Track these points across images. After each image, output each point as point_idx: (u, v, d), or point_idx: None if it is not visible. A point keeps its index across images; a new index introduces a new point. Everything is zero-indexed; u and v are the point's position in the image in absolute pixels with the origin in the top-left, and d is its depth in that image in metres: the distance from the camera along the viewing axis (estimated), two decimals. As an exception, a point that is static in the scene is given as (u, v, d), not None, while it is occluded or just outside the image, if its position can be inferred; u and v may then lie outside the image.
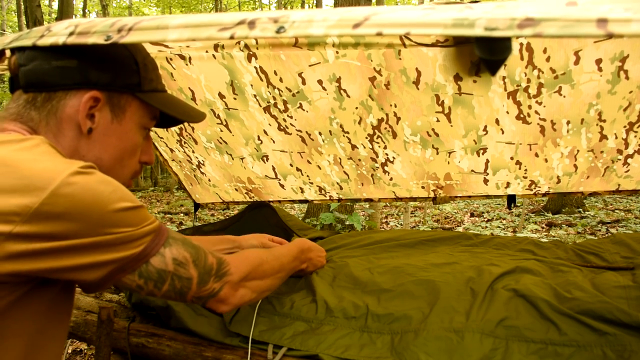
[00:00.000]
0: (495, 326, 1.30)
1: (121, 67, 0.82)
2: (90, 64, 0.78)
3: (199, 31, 0.75)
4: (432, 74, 1.84)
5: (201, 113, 1.03)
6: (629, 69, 1.67)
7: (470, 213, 7.06)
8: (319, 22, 0.73)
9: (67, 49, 0.76)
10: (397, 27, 0.72)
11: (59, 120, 0.78)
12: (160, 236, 0.78)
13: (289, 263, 1.23)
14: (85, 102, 0.78)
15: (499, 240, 2.07)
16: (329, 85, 1.99)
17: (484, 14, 0.67)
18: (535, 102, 1.83)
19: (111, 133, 0.82)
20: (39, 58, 0.76)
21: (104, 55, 0.79)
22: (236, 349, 1.44)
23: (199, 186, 2.85)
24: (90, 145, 0.81)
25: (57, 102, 0.77)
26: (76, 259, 0.68)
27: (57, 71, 0.76)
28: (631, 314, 1.23)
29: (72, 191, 0.65)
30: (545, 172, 2.08)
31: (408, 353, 1.26)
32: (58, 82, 0.77)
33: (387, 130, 2.09)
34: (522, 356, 1.21)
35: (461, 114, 1.93)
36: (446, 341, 1.28)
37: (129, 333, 1.63)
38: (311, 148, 2.29)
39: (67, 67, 0.76)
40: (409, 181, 2.30)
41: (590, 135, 1.90)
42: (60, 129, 0.78)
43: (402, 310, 1.41)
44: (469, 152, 2.07)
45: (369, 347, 1.32)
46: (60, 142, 0.78)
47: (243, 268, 0.94)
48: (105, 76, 0.79)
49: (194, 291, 0.83)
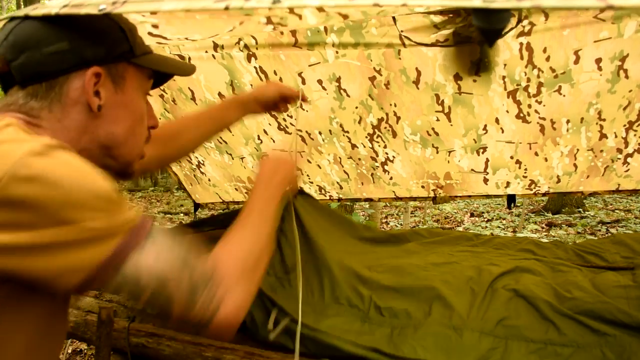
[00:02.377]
0: (494, 325, 1.30)
1: (111, 38, 0.80)
2: (82, 42, 0.76)
3: (194, 2, 0.74)
4: (432, 74, 1.84)
5: (191, 66, 1.03)
6: (628, 68, 1.67)
7: (470, 213, 7.06)
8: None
9: (55, 33, 0.74)
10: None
11: (64, 105, 0.75)
12: (141, 229, 0.68)
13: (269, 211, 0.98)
14: (89, 80, 0.76)
15: (499, 241, 2.07)
16: (329, 85, 1.99)
17: None
18: (535, 101, 1.84)
19: (118, 105, 0.81)
20: (27, 48, 0.72)
21: (92, 30, 0.77)
22: (236, 349, 1.44)
23: (199, 186, 2.86)
24: (101, 122, 0.79)
25: (60, 88, 0.75)
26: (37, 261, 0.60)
27: (51, 57, 0.73)
28: (631, 314, 1.23)
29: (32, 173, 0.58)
30: (545, 171, 2.08)
31: (405, 346, 1.27)
32: (55, 68, 0.74)
33: (387, 129, 2.09)
34: (521, 356, 1.21)
35: (461, 113, 1.94)
36: (445, 338, 1.28)
37: (129, 333, 1.63)
38: (311, 147, 2.30)
39: (60, 51, 0.74)
40: (408, 180, 2.30)
41: (590, 134, 1.90)
42: (66, 113, 0.75)
43: (403, 306, 1.42)
44: (469, 151, 2.07)
45: (367, 335, 1.34)
46: (66, 126, 0.76)
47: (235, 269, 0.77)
48: (99, 50, 0.77)
49: (178, 303, 0.69)
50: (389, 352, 1.26)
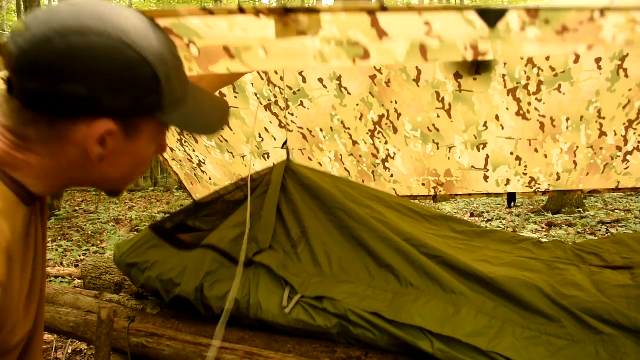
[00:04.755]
0: (493, 308, 1.34)
1: (140, 89, 0.68)
2: (103, 89, 0.65)
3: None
4: (433, 72, 1.85)
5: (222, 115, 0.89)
6: (628, 68, 1.68)
7: (470, 213, 7.06)
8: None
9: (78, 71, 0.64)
10: None
11: (62, 143, 0.68)
12: None
13: None
14: (96, 133, 0.67)
15: (499, 235, 2.08)
16: (330, 83, 2.00)
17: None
18: (535, 99, 1.85)
19: (123, 153, 0.73)
20: (43, 77, 0.64)
21: (119, 78, 0.66)
22: (236, 350, 1.45)
23: (200, 185, 2.86)
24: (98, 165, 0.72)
25: (63, 127, 0.67)
26: None
27: (64, 98, 0.64)
28: (630, 316, 1.24)
29: None
30: (545, 168, 2.09)
31: (405, 312, 1.33)
32: (65, 110, 0.65)
33: (388, 125, 2.11)
34: (514, 339, 1.24)
35: (461, 110, 1.95)
36: (443, 311, 1.33)
37: (129, 333, 1.63)
38: (312, 145, 2.30)
39: (75, 96, 0.64)
40: (409, 178, 2.31)
41: (590, 131, 1.91)
42: (62, 150, 0.68)
43: (405, 274, 1.47)
44: (469, 147, 2.08)
45: (371, 299, 1.40)
46: (58, 160, 0.69)
47: None
48: (121, 102, 0.67)
49: None
50: (388, 317, 1.32)
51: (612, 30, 0.62)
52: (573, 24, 0.62)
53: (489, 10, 0.64)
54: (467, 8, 0.64)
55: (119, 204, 8.28)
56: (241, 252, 1.48)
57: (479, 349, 1.22)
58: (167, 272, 1.65)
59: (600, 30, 0.62)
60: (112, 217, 6.95)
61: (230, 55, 0.92)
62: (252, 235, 1.65)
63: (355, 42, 0.77)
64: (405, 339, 1.28)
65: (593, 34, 0.62)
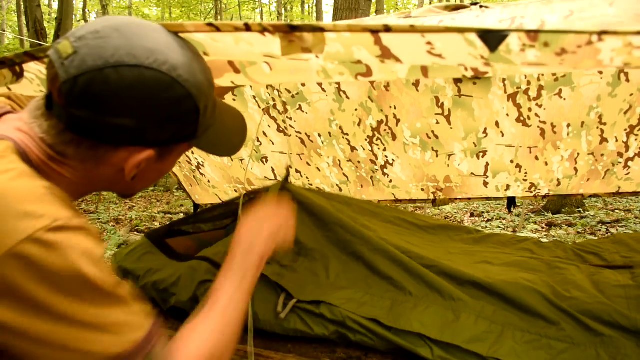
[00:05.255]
0: (493, 313, 1.33)
1: (182, 122, 0.71)
2: (149, 123, 0.67)
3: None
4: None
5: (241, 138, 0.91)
6: (629, 72, 1.66)
7: (470, 213, 7.05)
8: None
9: (127, 105, 0.65)
10: None
11: (99, 164, 0.70)
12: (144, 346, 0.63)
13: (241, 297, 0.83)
14: (136, 160, 0.70)
15: (498, 238, 2.08)
16: (329, 87, 1.98)
17: None
18: (536, 105, 1.83)
19: (153, 170, 0.76)
20: (93, 108, 0.64)
21: (166, 114, 0.68)
22: (236, 349, 1.44)
23: (199, 187, 2.85)
24: (127, 181, 0.74)
25: (104, 153, 0.68)
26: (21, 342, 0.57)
27: (111, 129, 0.65)
28: (630, 316, 1.23)
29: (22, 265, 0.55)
30: (545, 175, 2.08)
31: (403, 319, 1.32)
32: (109, 140, 0.67)
33: (386, 132, 2.09)
34: (514, 343, 1.23)
35: (461, 116, 1.93)
36: (442, 317, 1.32)
37: (128, 333, 1.62)
38: (310, 150, 2.29)
39: (122, 127, 0.66)
40: (408, 183, 2.29)
41: (591, 138, 1.89)
42: (98, 169, 0.70)
43: (404, 284, 1.46)
44: (469, 154, 2.06)
45: (368, 305, 1.39)
46: (91, 176, 0.70)
47: None
48: (163, 134, 0.70)
49: None
50: (387, 324, 1.31)
51: (609, 53, 0.62)
52: (572, 47, 0.61)
53: (490, 33, 0.63)
54: (468, 30, 0.63)
55: (118, 204, 8.27)
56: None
57: (480, 355, 1.21)
58: (161, 281, 1.64)
59: (598, 53, 0.62)
60: (112, 217, 6.94)
61: (235, 69, 0.93)
62: None
63: (358, 60, 0.77)
64: (405, 345, 1.28)
65: (591, 57, 0.62)
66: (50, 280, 0.56)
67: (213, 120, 0.79)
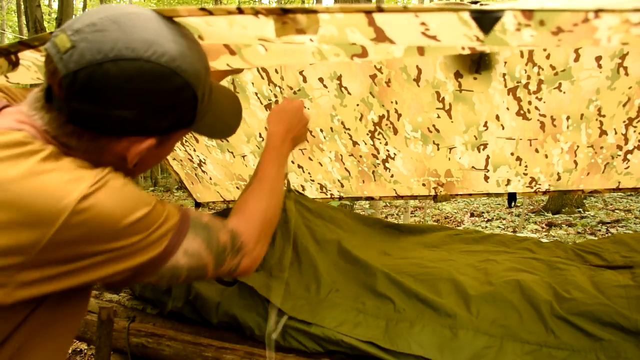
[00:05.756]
0: (490, 324, 1.32)
1: (182, 110, 0.73)
2: (150, 113, 0.69)
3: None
4: (433, 72, 1.85)
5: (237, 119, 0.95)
6: (628, 66, 1.68)
7: (470, 213, 7.06)
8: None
9: (129, 98, 0.66)
10: None
11: (102, 154, 0.72)
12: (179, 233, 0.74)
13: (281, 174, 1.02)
14: (138, 149, 0.72)
15: (499, 238, 2.09)
16: (330, 82, 2.00)
17: None
18: (536, 98, 1.85)
19: (153, 156, 0.79)
20: (95, 101, 0.65)
21: (166, 104, 0.70)
22: (236, 349, 1.45)
23: (200, 185, 2.86)
24: (128, 168, 0.76)
25: (106, 143, 0.70)
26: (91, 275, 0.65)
27: (114, 120, 0.67)
28: (630, 317, 1.24)
29: (83, 219, 0.61)
30: (545, 168, 2.09)
31: (401, 340, 1.30)
32: (112, 131, 0.69)
33: (388, 126, 2.10)
34: (515, 356, 1.23)
35: (462, 110, 1.94)
36: (440, 336, 1.31)
37: (129, 333, 1.63)
38: (312, 145, 2.30)
39: (124, 119, 0.68)
40: (410, 178, 2.30)
41: (590, 130, 1.91)
42: (101, 157, 0.72)
43: (397, 301, 1.45)
44: (470, 147, 2.08)
45: (363, 326, 1.37)
46: (93, 160, 0.71)
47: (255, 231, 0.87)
48: (164, 123, 0.72)
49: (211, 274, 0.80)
50: (384, 346, 1.29)
51: (606, 31, 0.62)
52: (568, 25, 0.61)
53: (484, 14, 0.64)
54: (462, 9, 0.64)
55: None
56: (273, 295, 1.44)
57: None
58: (155, 285, 1.68)
59: (595, 31, 0.62)
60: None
61: (231, 51, 0.93)
62: None
63: (352, 42, 0.78)
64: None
65: (588, 35, 0.63)
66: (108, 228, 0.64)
67: (210, 105, 0.81)
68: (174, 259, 0.73)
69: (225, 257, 0.81)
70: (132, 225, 0.66)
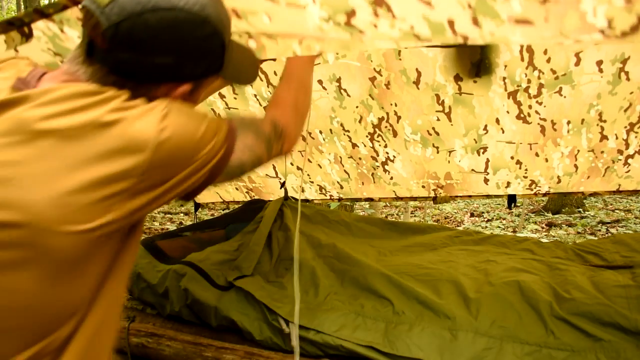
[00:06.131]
0: (490, 326, 1.31)
1: (212, 57, 0.81)
2: (186, 59, 0.77)
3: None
4: (432, 74, 1.84)
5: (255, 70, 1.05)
6: (629, 70, 1.67)
7: (470, 213, 7.06)
8: None
9: (167, 44, 0.73)
10: None
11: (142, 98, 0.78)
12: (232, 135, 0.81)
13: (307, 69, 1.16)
14: (175, 95, 0.79)
15: (499, 239, 2.08)
16: (329, 85, 1.99)
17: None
18: (536, 102, 1.84)
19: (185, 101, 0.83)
20: (138, 50, 0.72)
21: (200, 50, 0.78)
22: (236, 349, 1.45)
23: (199, 185, 2.86)
24: None
25: (146, 89, 0.76)
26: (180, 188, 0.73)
27: (154, 68, 0.74)
28: (630, 317, 1.23)
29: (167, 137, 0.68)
30: (545, 171, 2.08)
31: (400, 343, 1.30)
32: (153, 78, 0.76)
33: (387, 128, 2.10)
34: (515, 357, 1.22)
35: (461, 113, 1.94)
36: (439, 338, 1.30)
37: (128, 333, 1.63)
38: (311, 146, 2.30)
39: (164, 65, 0.75)
40: (409, 180, 2.30)
41: (591, 135, 1.90)
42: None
43: (396, 302, 1.44)
44: (470, 151, 2.07)
45: (362, 330, 1.37)
46: None
47: (290, 117, 1.00)
48: (198, 69, 0.80)
49: (266, 159, 0.91)
50: (384, 350, 1.29)
51: (591, 2, 0.65)
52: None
53: None
54: None
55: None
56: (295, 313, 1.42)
57: None
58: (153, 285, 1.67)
59: (580, 1, 0.65)
60: (111, 216, 6.94)
61: (237, 15, 1.00)
62: (236, 263, 1.69)
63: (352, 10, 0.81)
64: None
65: (574, 6, 0.66)
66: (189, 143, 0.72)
67: (232, 55, 0.88)
68: (235, 156, 0.82)
69: (272, 143, 0.92)
70: (203, 136, 0.74)
